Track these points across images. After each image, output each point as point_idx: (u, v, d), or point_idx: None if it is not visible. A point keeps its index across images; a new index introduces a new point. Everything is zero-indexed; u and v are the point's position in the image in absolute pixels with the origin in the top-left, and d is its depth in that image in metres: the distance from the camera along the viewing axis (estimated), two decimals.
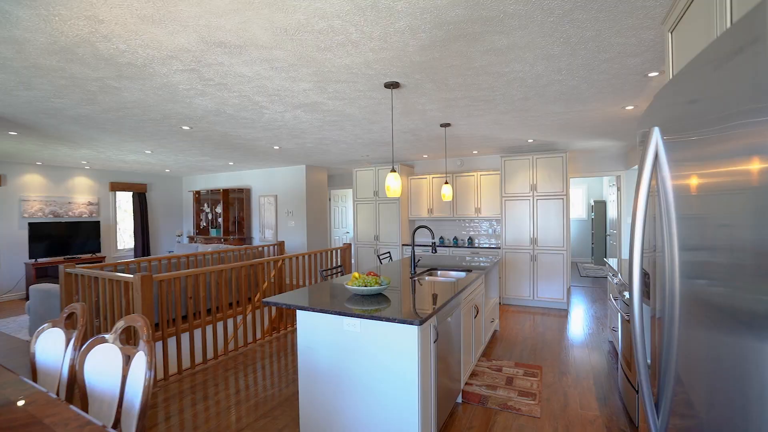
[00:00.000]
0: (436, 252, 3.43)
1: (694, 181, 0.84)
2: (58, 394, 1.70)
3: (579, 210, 10.18)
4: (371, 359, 2.09)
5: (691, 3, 1.20)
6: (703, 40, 1.11)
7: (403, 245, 6.78)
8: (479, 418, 2.65)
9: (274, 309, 4.66)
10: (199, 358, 3.83)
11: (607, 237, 8.92)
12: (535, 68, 2.64)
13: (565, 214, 5.56)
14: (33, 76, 2.64)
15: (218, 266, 3.79)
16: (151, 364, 1.41)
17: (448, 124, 4.26)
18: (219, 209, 8.79)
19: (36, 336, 1.84)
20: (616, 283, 3.23)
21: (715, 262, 0.75)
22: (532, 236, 5.75)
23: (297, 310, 2.30)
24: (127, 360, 1.53)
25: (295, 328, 4.73)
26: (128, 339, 3.48)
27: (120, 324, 1.56)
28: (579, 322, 4.97)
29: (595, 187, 9.99)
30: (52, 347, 1.81)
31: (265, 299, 2.37)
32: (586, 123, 4.30)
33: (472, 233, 6.79)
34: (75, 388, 1.64)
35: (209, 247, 7.35)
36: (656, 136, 1.02)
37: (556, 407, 2.80)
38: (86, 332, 3.66)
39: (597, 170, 6.44)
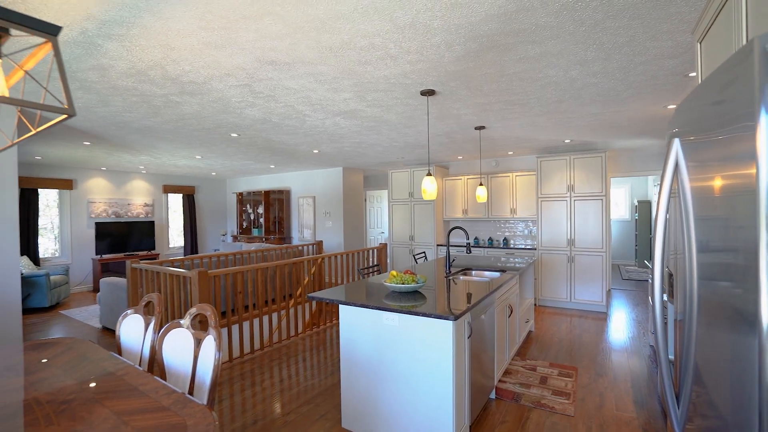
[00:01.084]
0: (470, 252, 3.53)
1: (711, 183, 0.90)
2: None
3: (622, 210, 9.82)
4: (408, 352, 2.24)
5: (716, 17, 1.26)
6: (727, 53, 1.17)
7: (437, 245, 6.88)
8: (512, 414, 2.73)
9: (314, 305, 4.92)
10: (246, 349, 4.14)
11: (652, 238, 8.56)
12: (569, 73, 2.69)
13: (605, 214, 5.45)
14: (110, 95, 3.01)
15: (264, 264, 4.08)
16: (220, 347, 1.64)
17: (482, 127, 4.33)
18: (260, 210, 9.26)
19: (121, 320, 2.14)
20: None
21: (731, 264, 0.81)
22: (569, 237, 5.68)
23: (339, 305, 2.49)
24: (198, 343, 1.78)
25: (334, 324, 4.96)
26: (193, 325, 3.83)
27: (192, 311, 1.81)
28: (619, 325, 4.87)
29: (639, 187, 9.61)
30: (133, 329, 2.10)
31: (309, 294, 2.58)
32: (625, 123, 4.23)
33: (507, 234, 6.77)
34: (154, 365, 1.90)
35: (252, 246, 7.79)
36: (676, 147, 1.10)
37: (591, 407, 2.83)
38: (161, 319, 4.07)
39: (640, 169, 6.24)
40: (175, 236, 9.53)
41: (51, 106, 0.90)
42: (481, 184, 4.71)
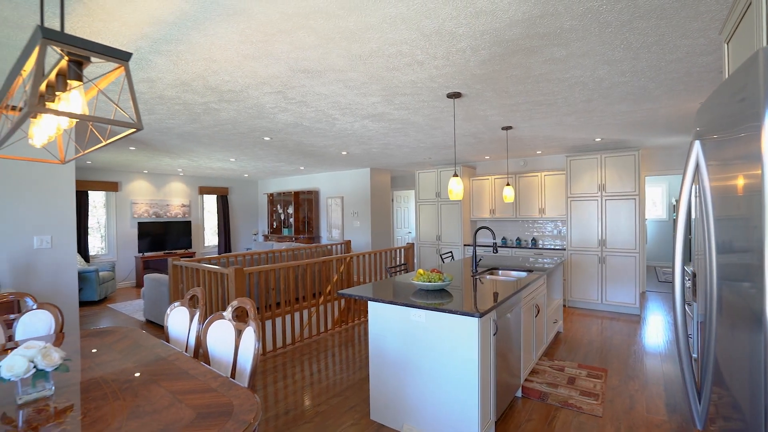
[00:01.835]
0: (497, 252, 3.55)
1: (729, 183, 0.92)
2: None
3: (659, 210, 9.45)
4: (435, 347, 2.32)
5: (741, 20, 1.27)
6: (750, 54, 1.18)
7: (464, 245, 6.89)
8: (538, 412, 2.75)
9: (343, 302, 5.06)
10: (279, 343, 4.33)
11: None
12: (597, 73, 2.68)
13: (638, 214, 5.31)
14: (156, 105, 3.24)
15: (295, 262, 4.25)
16: (259, 337, 1.78)
17: (509, 127, 4.33)
18: (290, 210, 9.54)
19: (169, 312, 2.34)
20: (688, 287, 3.11)
21: (748, 264, 0.84)
22: (600, 238, 5.56)
23: (369, 302, 2.60)
24: (239, 333, 1.92)
25: (362, 321, 5.09)
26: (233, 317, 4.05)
27: (234, 303, 1.96)
28: (653, 328, 4.73)
29: (677, 186, 9.21)
30: (179, 320, 2.29)
31: (340, 291, 2.70)
32: (659, 120, 4.12)
33: (535, 234, 6.69)
34: (200, 352, 2.07)
35: (283, 245, 8.05)
36: (697, 149, 1.13)
37: (620, 409, 2.80)
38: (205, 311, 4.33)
39: (677, 168, 6.02)
40: (210, 235, 9.96)
41: (122, 121, 1.04)
42: (508, 184, 4.71)
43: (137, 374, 1.60)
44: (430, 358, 2.34)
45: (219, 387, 1.46)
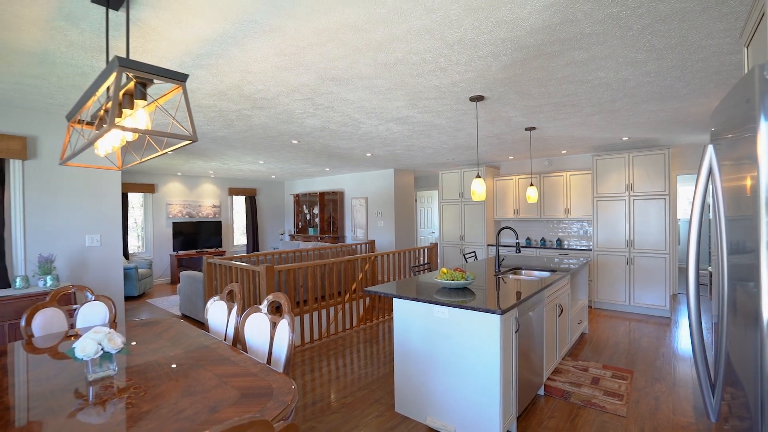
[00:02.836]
0: (519, 252, 3.59)
1: (740, 183, 0.95)
2: None
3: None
4: (458, 343, 2.40)
5: (757, 26, 1.30)
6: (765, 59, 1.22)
7: (488, 245, 6.89)
8: (561, 410, 2.79)
9: (367, 300, 5.20)
10: (307, 338, 4.51)
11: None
12: (620, 74, 2.69)
13: (669, 214, 5.19)
14: (194, 112, 3.47)
15: (321, 261, 4.41)
16: (293, 328, 1.92)
17: (533, 128, 4.34)
18: (316, 210, 9.78)
19: (209, 305, 2.53)
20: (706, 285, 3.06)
21: (753, 264, 0.89)
22: (627, 238, 5.46)
23: (394, 299, 2.71)
24: (274, 326, 2.08)
25: (386, 319, 5.21)
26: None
27: (270, 298, 2.11)
28: (685, 331, 4.63)
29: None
30: (218, 313, 2.47)
31: (366, 288, 2.82)
32: (689, 118, 4.04)
33: (561, 234, 6.62)
34: (238, 342, 2.24)
35: (309, 245, 8.27)
36: (710, 153, 1.18)
37: (645, 410, 2.80)
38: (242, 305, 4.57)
39: None
40: (239, 235, 10.33)
41: (180, 134, 1.20)
42: (531, 185, 4.71)
43: (186, 359, 1.77)
44: (453, 353, 2.42)
45: (259, 372, 1.60)
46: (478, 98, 3.15)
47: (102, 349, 1.49)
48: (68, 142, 1.57)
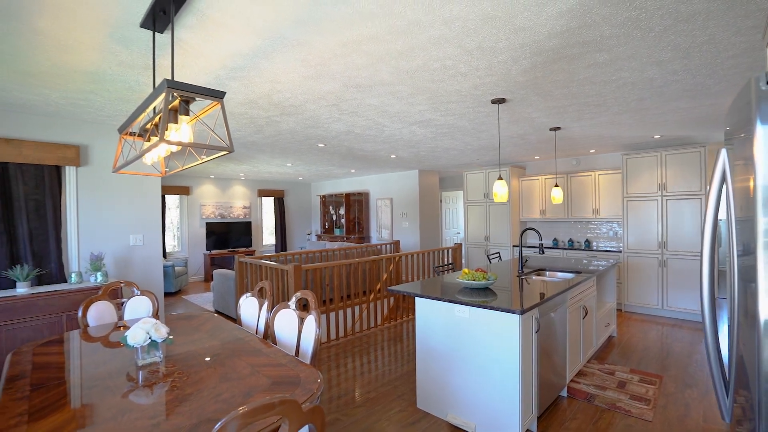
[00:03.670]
0: (543, 253, 3.58)
1: (749, 184, 0.98)
2: None
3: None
4: (478, 342, 2.46)
5: None
6: None
7: (513, 246, 6.84)
8: (583, 413, 2.78)
9: (392, 300, 5.29)
10: (333, 336, 4.65)
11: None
12: (646, 73, 2.66)
13: (705, 215, 4.99)
14: (228, 119, 3.67)
15: (347, 260, 4.54)
16: (320, 324, 2.04)
17: (557, 128, 4.31)
18: (342, 211, 9.98)
19: (241, 301, 2.70)
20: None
21: (751, 265, 0.93)
22: (660, 240, 5.29)
23: (416, 298, 2.79)
24: (301, 321, 2.21)
25: (410, 319, 5.29)
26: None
27: (298, 295, 2.24)
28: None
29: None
30: (250, 308, 2.63)
31: (390, 287, 2.92)
32: (727, 114, 3.89)
33: (589, 235, 6.48)
34: (268, 336, 2.39)
35: (335, 245, 8.46)
36: (723, 157, 1.20)
37: (673, 416, 2.75)
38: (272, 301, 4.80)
39: None
40: (267, 235, 10.68)
41: (219, 146, 1.33)
42: (556, 185, 4.66)
43: (222, 350, 1.92)
44: (474, 351, 2.48)
45: (288, 363, 1.73)
46: (499, 100, 3.18)
47: (150, 338, 1.66)
48: (120, 152, 1.76)
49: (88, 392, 1.48)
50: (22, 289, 3.01)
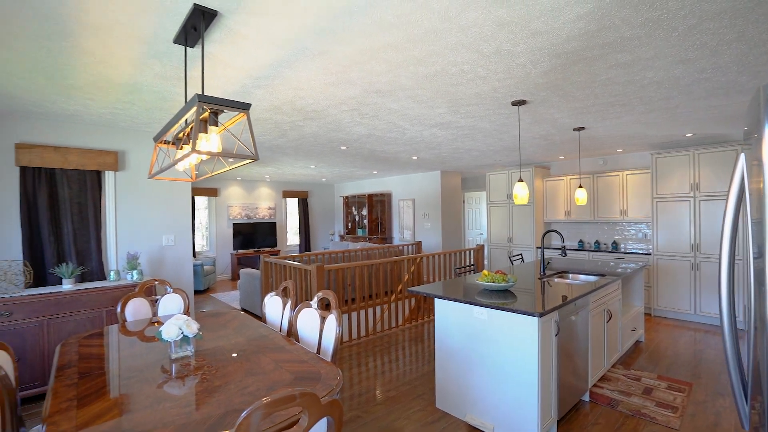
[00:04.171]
0: (565, 255, 3.54)
1: (760, 186, 0.98)
2: None
3: None
4: (496, 343, 2.47)
5: None
6: None
7: (537, 248, 6.74)
8: (606, 418, 2.74)
9: (413, 301, 5.33)
10: (354, 335, 4.74)
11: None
12: (672, 72, 2.59)
13: (743, 217, 4.77)
14: (253, 124, 3.82)
15: (369, 261, 4.62)
16: (340, 323, 2.12)
17: (581, 128, 4.23)
18: (364, 212, 10.08)
19: (266, 300, 2.81)
20: None
21: (762, 269, 0.93)
22: (692, 242, 5.10)
23: (435, 299, 2.83)
24: (323, 320, 2.29)
25: (431, 320, 5.31)
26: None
27: (319, 294, 2.33)
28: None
29: None
30: (274, 307, 2.74)
31: (410, 288, 2.97)
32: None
33: (616, 237, 6.31)
34: (291, 334, 2.48)
35: (357, 245, 8.57)
36: (743, 159, 1.19)
37: (702, 425, 2.67)
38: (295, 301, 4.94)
39: None
40: (292, 235, 10.92)
41: (245, 154, 1.42)
42: (580, 186, 4.58)
43: (247, 346, 2.03)
44: (492, 353, 2.49)
45: (309, 360, 1.81)
46: (519, 102, 3.17)
47: (182, 333, 1.78)
48: (155, 159, 1.89)
49: (127, 382, 1.61)
50: (67, 286, 3.24)
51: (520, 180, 3.26)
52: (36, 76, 2.42)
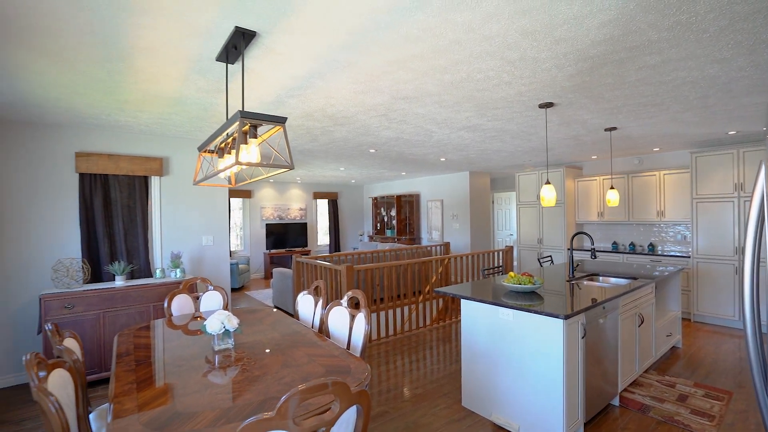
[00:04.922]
0: (595, 257, 3.49)
1: None
2: None
3: None
4: (522, 345, 2.50)
5: None
6: None
7: (568, 249, 6.60)
8: (636, 423, 2.70)
9: (440, 301, 5.37)
10: (383, 334, 4.85)
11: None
12: (706, 72, 2.53)
13: (749, 216, 4.51)
14: (287, 130, 4.00)
15: (397, 262, 4.71)
16: (369, 321, 2.22)
17: (613, 128, 4.14)
18: (393, 213, 10.19)
19: (299, 298, 2.97)
20: None
21: None
22: (736, 245, 4.86)
23: (462, 300, 2.88)
24: (352, 318, 2.40)
25: (458, 320, 5.34)
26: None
27: (349, 293, 2.45)
28: None
29: None
30: (306, 305, 2.89)
31: (437, 289, 3.04)
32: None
33: (653, 239, 6.09)
34: (322, 331, 2.62)
35: (386, 246, 8.69)
36: (763, 172, 1.19)
37: None
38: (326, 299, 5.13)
39: None
40: (322, 235, 11.19)
41: (281, 164, 1.55)
42: (612, 187, 4.48)
43: (282, 340, 2.17)
44: (518, 354, 2.53)
45: (340, 355, 1.93)
46: (547, 105, 3.17)
47: (224, 327, 1.94)
48: (200, 167, 2.07)
49: (177, 370, 1.78)
50: (119, 282, 3.53)
51: (548, 182, 3.25)
52: (94, 92, 2.68)
